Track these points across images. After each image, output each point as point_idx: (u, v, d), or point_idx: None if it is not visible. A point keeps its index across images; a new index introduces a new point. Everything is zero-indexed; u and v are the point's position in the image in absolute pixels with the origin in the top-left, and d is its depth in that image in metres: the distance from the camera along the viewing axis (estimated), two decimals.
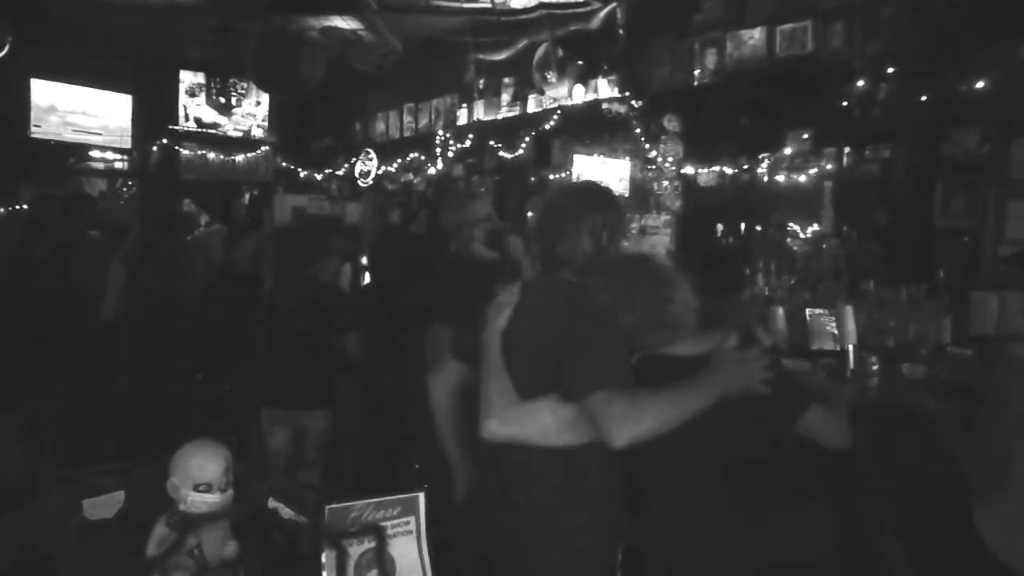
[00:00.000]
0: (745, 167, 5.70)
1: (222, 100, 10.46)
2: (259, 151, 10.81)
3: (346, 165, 9.98)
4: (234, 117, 10.58)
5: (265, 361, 4.07)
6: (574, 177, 6.39)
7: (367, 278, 6.26)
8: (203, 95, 10.29)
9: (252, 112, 10.68)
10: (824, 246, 5.16)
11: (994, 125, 4.51)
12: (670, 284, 2.07)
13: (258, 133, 10.77)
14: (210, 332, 4.75)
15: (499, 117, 7.84)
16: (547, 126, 7.11)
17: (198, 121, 10.28)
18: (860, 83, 4.97)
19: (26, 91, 8.86)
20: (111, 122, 9.52)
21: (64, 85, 9.12)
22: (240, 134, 10.64)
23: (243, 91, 10.52)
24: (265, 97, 10.53)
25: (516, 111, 7.66)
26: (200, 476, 1.44)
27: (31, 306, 4.46)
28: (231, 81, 10.41)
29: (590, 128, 6.79)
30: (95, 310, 4.55)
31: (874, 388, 3.27)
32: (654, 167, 6.32)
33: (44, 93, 9.03)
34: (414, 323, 3.68)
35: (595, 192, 2.39)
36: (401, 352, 3.88)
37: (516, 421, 2.04)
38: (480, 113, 8.05)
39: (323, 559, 1.45)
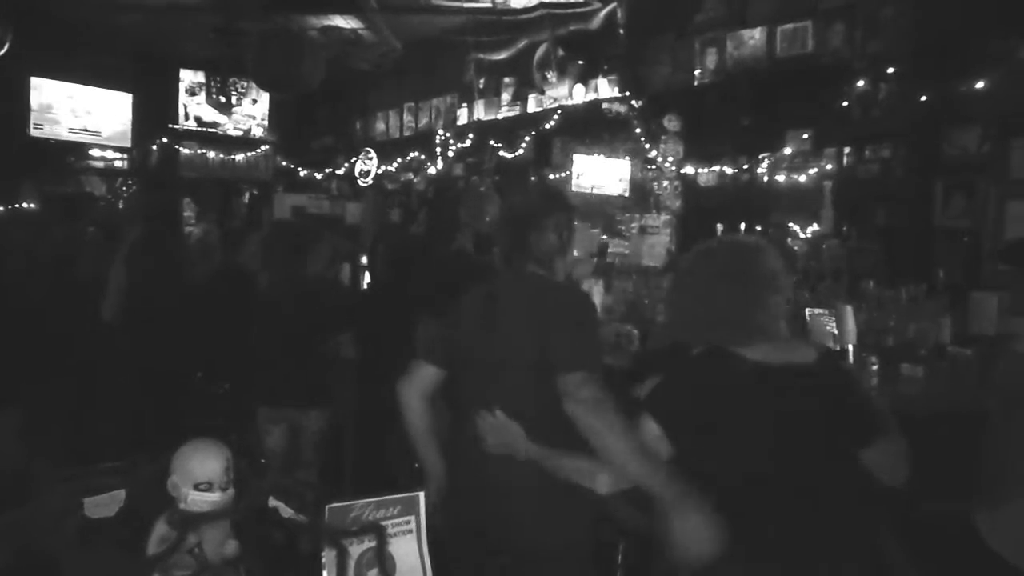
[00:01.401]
0: (745, 167, 5.69)
1: (222, 99, 10.45)
2: (259, 150, 10.81)
3: (346, 164, 9.98)
4: (234, 116, 10.58)
5: (260, 360, 4.07)
6: (574, 176, 6.39)
7: (367, 278, 6.27)
8: (203, 94, 10.29)
9: (252, 112, 10.68)
10: (824, 246, 5.16)
11: (994, 125, 4.51)
12: (768, 287, 1.96)
13: (258, 132, 10.77)
14: (210, 331, 4.76)
15: (499, 117, 7.84)
16: (547, 126, 7.11)
17: (198, 120, 10.28)
18: (860, 83, 4.97)
19: (26, 90, 8.86)
20: (111, 121, 9.52)
21: (64, 84, 9.11)
22: (240, 133, 10.64)
23: (243, 90, 10.51)
24: (264, 96, 10.53)
25: (516, 111, 7.66)
26: (201, 475, 1.44)
27: (34, 303, 4.46)
28: (231, 80, 10.40)
29: (590, 128, 6.78)
30: (96, 308, 4.55)
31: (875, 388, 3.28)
32: (654, 167, 6.32)
33: (44, 92, 9.02)
34: (413, 321, 3.69)
35: (556, 194, 2.71)
36: (400, 350, 3.88)
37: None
38: (480, 113, 8.04)
39: (323, 558, 1.45)
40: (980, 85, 4.44)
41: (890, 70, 4.86)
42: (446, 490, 2.40)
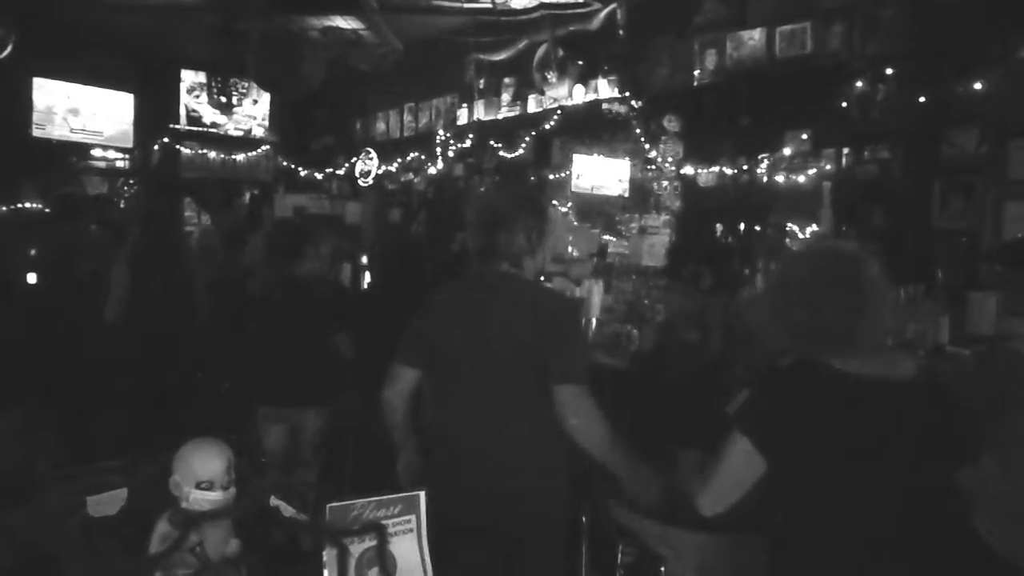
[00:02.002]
0: (744, 167, 5.70)
1: (223, 99, 10.46)
2: (260, 150, 10.82)
3: (346, 164, 9.98)
4: (235, 116, 10.59)
5: (259, 359, 4.08)
6: (574, 177, 6.40)
7: (367, 277, 6.28)
8: (204, 94, 10.30)
9: (252, 113, 10.69)
10: None
11: (992, 126, 4.51)
12: (872, 296, 1.89)
13: (259, 132, 10.78)
14: (211, 330, 4.77)
15: (499, 117, 7.84)
16: (547, 126, 7.11)
17: (199, 120, 10.29)
18: (859, 84, 4.97)
19: (28, 90, 8.87)
20: (112, 121, 9.52)
21: (66, 84, 9.12)
22: (241, 133, 10.64)
23: (244, 91, 10.52)
24: (265, 96, 10.54)
25: (516, 111, 7.66)
26: (202, 474, 1.45)
27: (36, 302, 4.47)
28: (232, 80, 10.41)
29: (590, 128, 6.78)
30: (98, 307, 4.56)
31: None
32: (654, 167, 6.32)
33: (46, 92, 9.03)
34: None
35: (527, 195, 2.80)
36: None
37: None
38: (480, 113, 8.05)
39: (324, 557, 1.46)
40: (979, 86, 4.44)
41: (889, 71, 4.86)
42: (432, 479, 2.46)
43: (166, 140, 10.06)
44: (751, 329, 2.59)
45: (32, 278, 5.29)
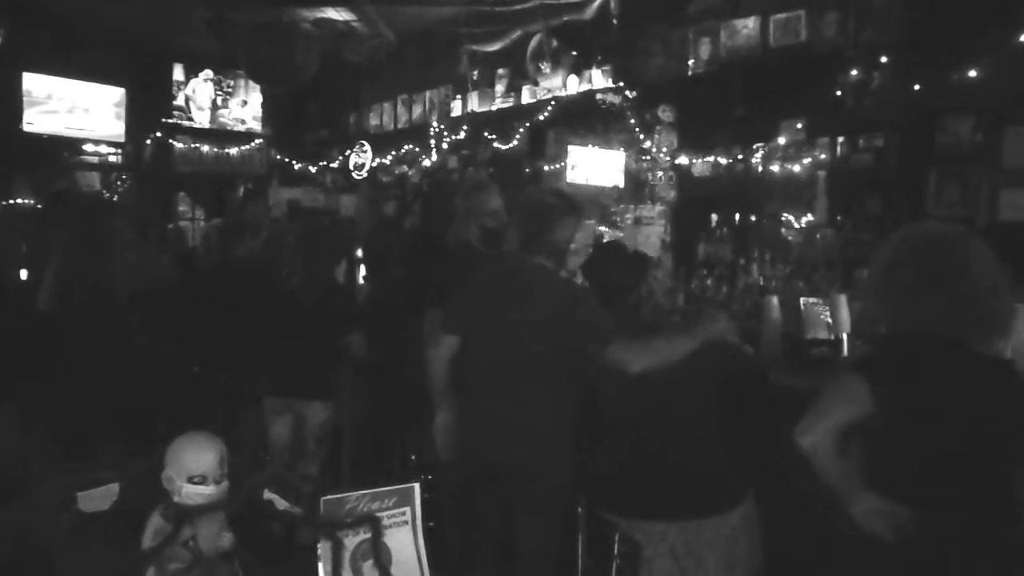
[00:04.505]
0: (739, 157, 5.69)
1: (216, 93, 10.43)
2: (253, 144, 10.79)
3: (340, 157, 9.96)
4: (228, 110, 10.55)
5: (270, 351, 4.09)
6: (569, 167, 6.39)
7: (362, 271, 6.26)
8: (197, 88, 10.26)
9: (246, 105, 10.65)
10: (818, 235, 5.17)
11: (987, 114, 4.51)
12: (987, 271, 1.91)
13: (252, 126, 10.74)
14: (208, 323, 4.74)
15: (493, 108, 7.83)
16: (541, 117, 7.10)
17: (191, 115, 10.25)
18: (854, 72, 4.96)
19: (18, 84, 8.82)
20: (104, 116, 9.48)
21: (57, 78, 9.07)
22: (234, 127, 10.61)
23: (236, 84, 10.48)
24: (258, 90, 10.50)
25: (510, 102, 7.65)
26: (195, 468, 1.44)
27: (31, 299, 4.42)
28: (225, 74, 10.37)
29: (584, 119, 6.77)
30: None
31: None
32: (648, 157, 6.32)
33: (36, 86, 8.98)
34: (412, 316, 3.71)
35: (572, 196, 3.05)
36: (400, 345, 3.90)
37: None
38: (474, 104, 8.03)
39: (319, 550, 1.45)
40: (973, 74, 4.44)
41: (883, 59, 4.86)
42: (460, 438, 2.92)
43: (158, 134, 10.02)
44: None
45: (24, 274, 5.26)
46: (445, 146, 8.27)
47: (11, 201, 8.32)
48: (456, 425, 2.94)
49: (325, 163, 10.23)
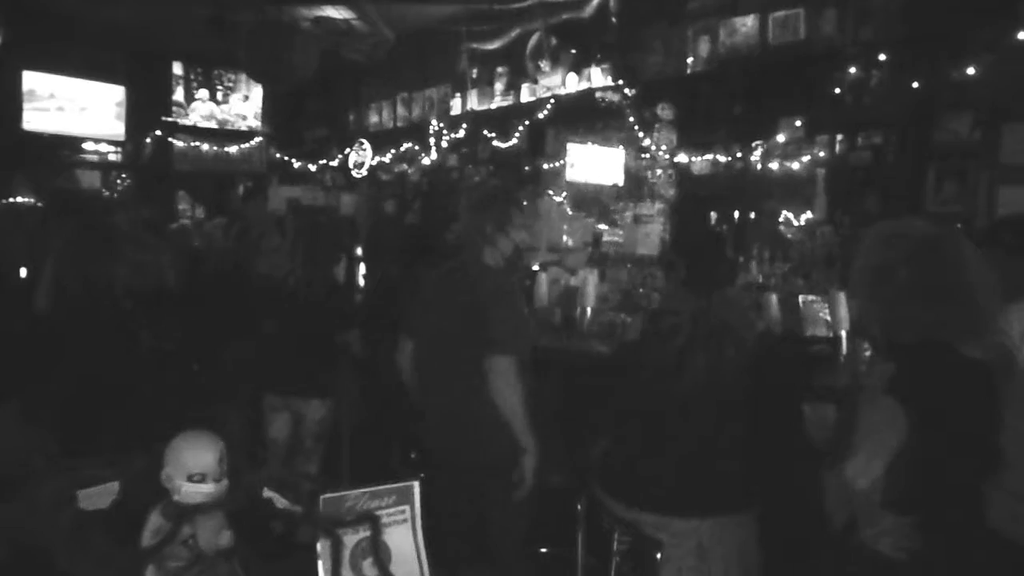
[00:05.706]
0: (738, 155, 5.69)
1: (216, 92, 10.43)
2: (253, 142, 10.78)
3: (340, 156, 9.96)
4: (227, 108, 10.55)
5: (270, 348, 4.09)
6: (568, 166, 6.39)
7: (362, 269, 6.27)
8: (196, 87, 10.26)
9: (245, 104, 10.65)
10: (817, 233, 5.18)
11: (985, 111, 4.51)
12: (978, 271, 1.89)
13: (252, 124, 10.74)
14: (209, 322, 4.75)
15: (493, 106, 7.83)
16: (541, 115, 7.10)
17: (191, 113, 10.25)
18: (852, 70, 4.97)
19: (18, 83, 8.82)
20: (104, 114, 9.48)
21: (57, 77, 9.08)
22: (233, 125, 10.61)
23: (236, 83, 10.48)
24: (258, 88, 10.50)
25: (510, 100, 7.65)
26: (194, 466, 1.44)
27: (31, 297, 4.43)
28: (225, 72, 10.37)
29: (584, 117, 6.78)
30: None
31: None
32: (648, 155, 6.31)
33: (36, 85, 8.98)
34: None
35: (490, 193, 3.16)
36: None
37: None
38: (474, 103, 8.04)
39: (318, 548, 1.45)
40: (971, 71, 4.44)
41: (882, 57, 4.86)
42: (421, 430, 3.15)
43: (158, 133, 10.02)
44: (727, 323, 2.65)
45: (23, 273, 5.27)
46: (444, 144, 8.27)
47: (11, 199, 8.32)
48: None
49: (325, 161, 10.23)
